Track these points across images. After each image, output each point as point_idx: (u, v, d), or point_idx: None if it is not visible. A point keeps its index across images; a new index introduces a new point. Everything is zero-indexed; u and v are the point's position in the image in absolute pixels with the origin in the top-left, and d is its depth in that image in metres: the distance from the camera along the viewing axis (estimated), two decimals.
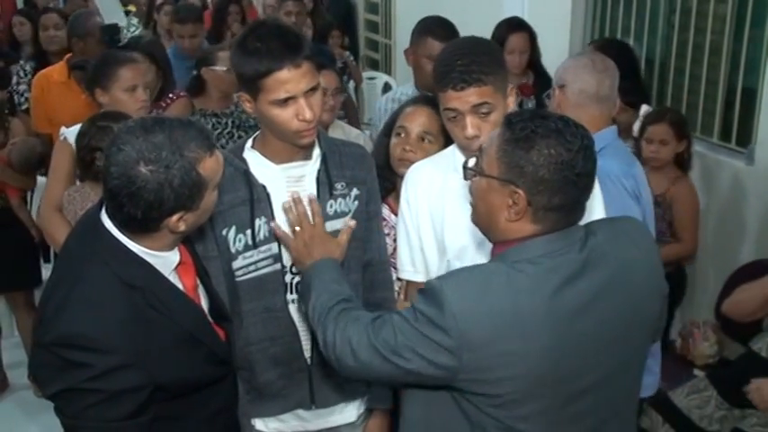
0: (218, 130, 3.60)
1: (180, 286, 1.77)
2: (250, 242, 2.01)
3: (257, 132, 2.07)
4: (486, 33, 3.42)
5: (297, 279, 2.03)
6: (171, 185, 1.58)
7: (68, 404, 1.61)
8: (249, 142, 2.07)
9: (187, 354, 1.74)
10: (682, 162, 3.56)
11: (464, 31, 2.74)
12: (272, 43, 1.83)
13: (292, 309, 2.05)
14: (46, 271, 3.91)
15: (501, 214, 1.59)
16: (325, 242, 1.91)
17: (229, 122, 3.65)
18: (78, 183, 2.88)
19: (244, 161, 2.02)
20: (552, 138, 1.52)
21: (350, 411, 2.22)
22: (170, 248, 1.74)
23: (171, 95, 3.66)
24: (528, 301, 1.50)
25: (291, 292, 2.05)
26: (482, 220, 1.67)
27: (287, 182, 2.02)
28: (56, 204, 2.86)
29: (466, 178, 1.71)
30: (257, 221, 2.00)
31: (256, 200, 2.00)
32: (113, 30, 4.33)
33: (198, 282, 1.88)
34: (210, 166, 1.65)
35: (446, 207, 2.10)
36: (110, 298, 1.62)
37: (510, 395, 1.54)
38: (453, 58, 1.93)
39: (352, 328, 1.64)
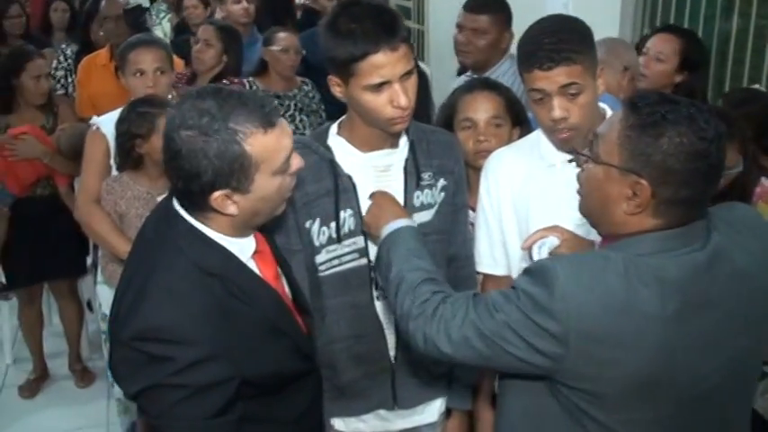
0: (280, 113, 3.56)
1: (258, 274, 1.68)
2: (334, 235, 1.92)
3: (342, 117, 1.97)
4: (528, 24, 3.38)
5: None
6: (205, 154, 1.48)
7: (153, 402, 1.53)
8: (334, 128, 1.97)
9: (271, 345, 1.65)
10: None
11: None
12: (367, 24, 1.73)
13: (378, 305, 1.97)
14: (89, 260, 3.84)
15: (618, 206, 1.48)
16: (395, 203, 1.86)
17: (291, 105, 3.63)
18: (115, 172, 2.83)
19: (329, 149, 1.93)
20: (684, 125, 1.41)
21: (431, 411, 2.14)
22: (241, 234, 1.64)
23: (225, 81, 3.61)
24: (645, 297, 1.40)
25: (378, 288, 1.96)
26: (594, 211, 1.57)
27: (374, 171, 1.93)
28: (93, 196, 2.81)
29: (578, 165, 1.60)
30: (342, 213, 1.90)
31: (342, 191, 1.90)
32: (137, 12, 4.26)
33: (279, 272, 1.79)
34: (263, 144, 1.52)
35: (531, 196, 2.00)
36: (189, 286, 1.53)
37: (613, 396, 1.44)
38: (540, 37, 1.83)
39: (444, 309, 1.55)
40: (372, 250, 1.91)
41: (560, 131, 1.87)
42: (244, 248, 1.65)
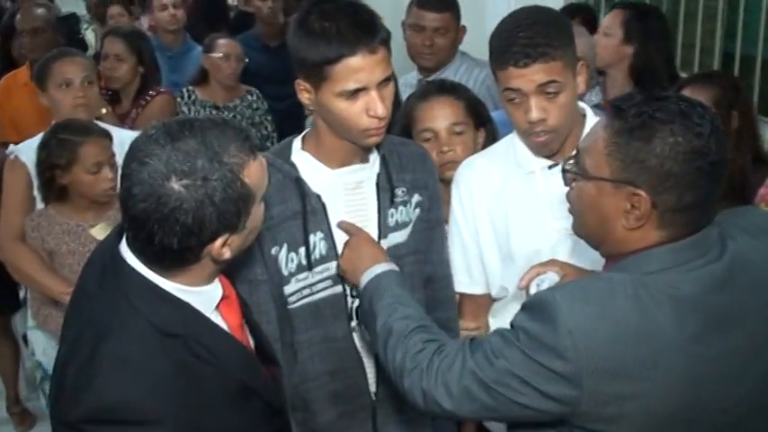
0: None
1: (224, 326, 1.47)
2: (304, 262, 1.74)
3: (307, 130, 1.79)
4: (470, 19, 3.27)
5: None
6: (212, 202, 1.28)
7: None
8: (297, 143, 1.79)
9: (240, 409, 1.44)
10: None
11: None
12: (343, 23, 1.56)
13: (356, 337, 1.79)
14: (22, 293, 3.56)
15: (617, 222, 1.34)
16: (372, 244, 1.71)
17: (230, 116, 3.43)
18: (40, 206, 2.60)
19: (293, 166, 1.74)
20: (677, 122, 1.28)
21: None
22: (209, 281, 1.43)
23: (151, 92, 3.42)
24: (660, 319, 1.27)
25: (355, 318, 1.77)
26: (591, 231, 1.42)
27: (344, 189, 1.75)
28: (16, 233, 2.59)
29: (566, 184, 1.45)
30: (312, 237, 1.73)
31: (310, 212, 1.73)
32: (72, 21, 4.00)
33: (243, 319, 1.58)
34: (256, 172, 1.35)
35: (510, 208, 1.87)
36: (148, 353, 1.31)
37: None
38: (515, 30, 1.68)
39: (440, 360, 1.39)
40: None
41: (537, 135, 1.73)
42: (210, 297, 1.44)
